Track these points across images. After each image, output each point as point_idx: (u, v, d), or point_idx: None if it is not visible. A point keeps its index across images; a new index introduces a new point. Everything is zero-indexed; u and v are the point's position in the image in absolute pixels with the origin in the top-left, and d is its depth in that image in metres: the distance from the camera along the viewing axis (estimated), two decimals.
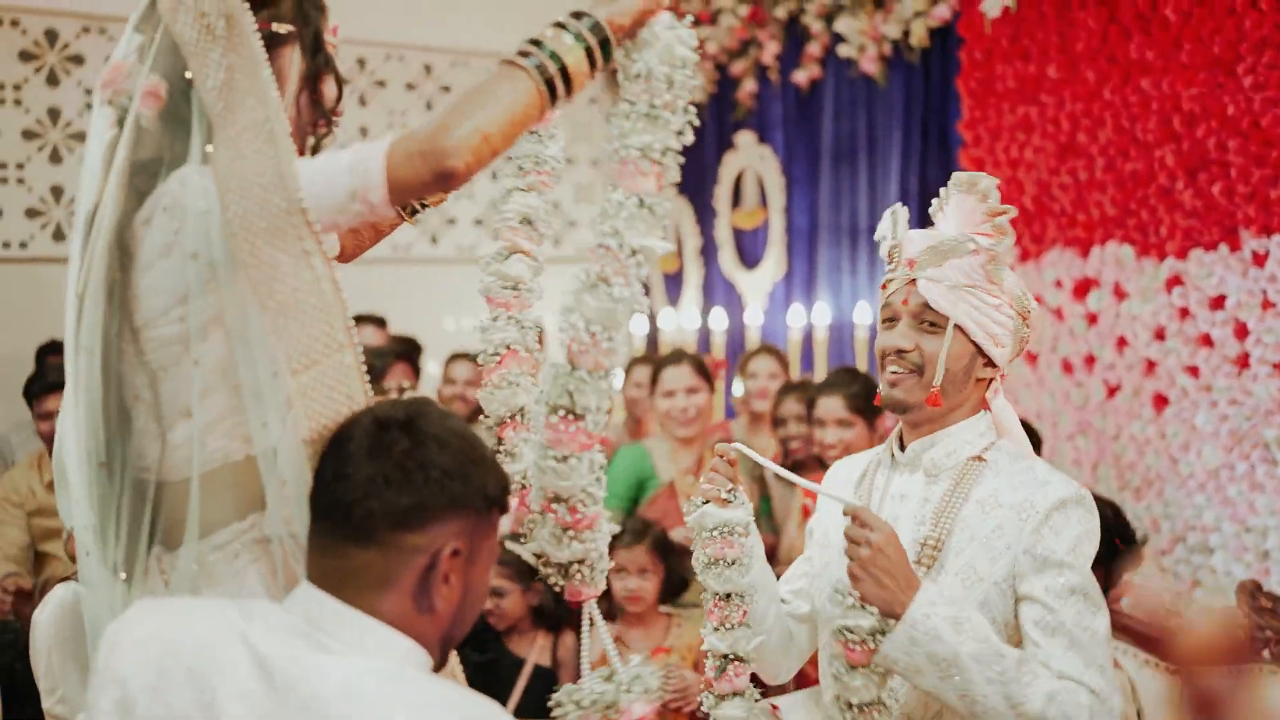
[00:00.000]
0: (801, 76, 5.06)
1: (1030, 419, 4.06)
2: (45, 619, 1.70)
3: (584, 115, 5.94)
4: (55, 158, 5.01)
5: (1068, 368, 3.96)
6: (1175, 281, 3.61)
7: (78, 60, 5.03)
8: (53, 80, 4.99)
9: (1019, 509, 1.79)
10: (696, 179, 5.85)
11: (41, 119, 4.98)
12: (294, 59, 1.60)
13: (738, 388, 4.50)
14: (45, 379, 3.82)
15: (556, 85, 1.52)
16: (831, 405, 3.39)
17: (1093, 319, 3.88)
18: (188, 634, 1.30)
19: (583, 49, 1.53)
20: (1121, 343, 3.79)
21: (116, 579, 1.53)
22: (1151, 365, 3.70)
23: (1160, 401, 3.68)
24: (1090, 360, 3.89)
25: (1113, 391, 3.83)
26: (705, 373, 3.95)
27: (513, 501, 1.62)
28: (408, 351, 4.61)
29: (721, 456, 1.90)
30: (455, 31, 5.88)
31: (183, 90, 1.49)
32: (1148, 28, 3.64)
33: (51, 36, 4.98)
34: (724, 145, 5.65)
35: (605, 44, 1.56)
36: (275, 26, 1.57)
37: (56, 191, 5.02)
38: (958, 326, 1.82)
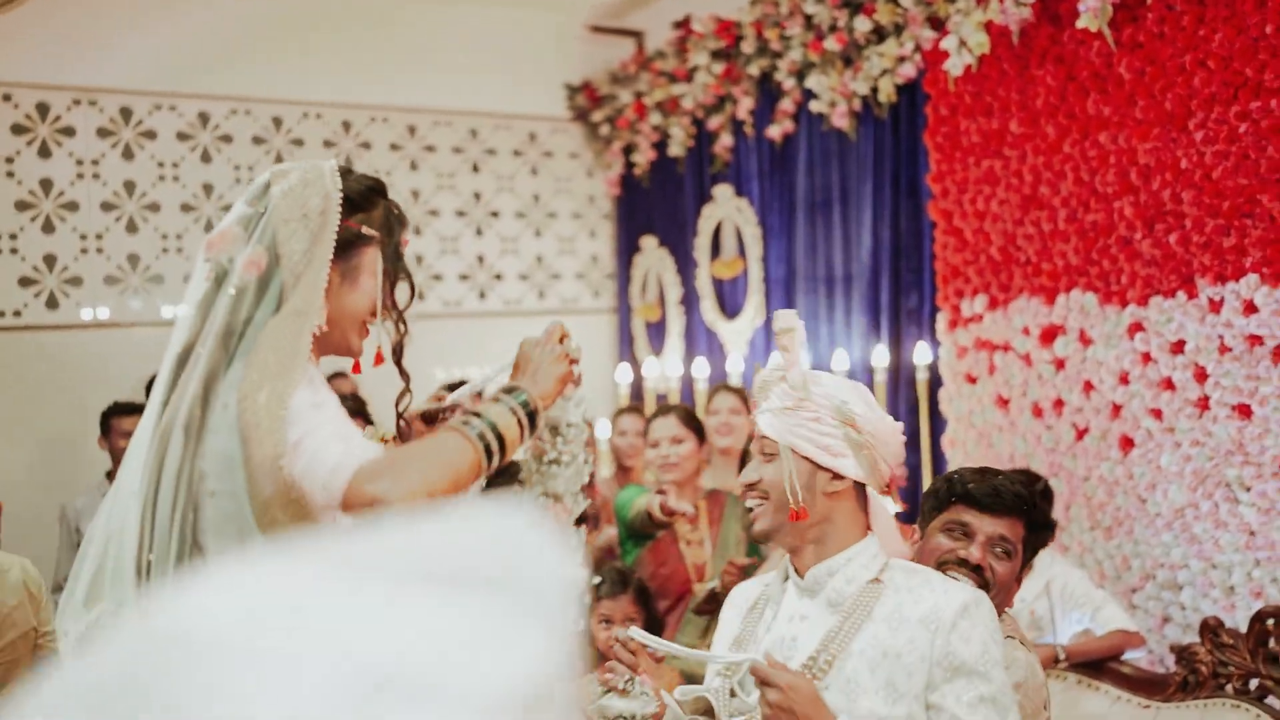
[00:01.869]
0: (775, 131, 5.21)
1: (1003, 461, 4.19)
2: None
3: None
4: (48, 227, 5.14)
5: (1038, 411, 4.09)
6: (1137, 328, 3.75)
7: (69, 132, 5.18)
8: (44, 152, 5.13)
9: (925, 620, 1.85)
10: (677, 231, 6.00)
11: (34, 190, 5.11)
12: (375, 259, 1.84)
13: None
14: None
15: (493, 451, 1.75)
16: None
17: (1060, 364, 4.01)
18: None
19: (515, 420, 1.79)
20: (1088, 387, 3.92)
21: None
22: (1117, 408, 3.83)
23: (1127, 443, 3.81)
24: (1059, 404, 4.02)
25: (1081, 434, 3.95)
26: (693, 423, 4.08)
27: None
28: (360, 407, 4.65)
29: (624, 645, 2.02)
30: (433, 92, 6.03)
31: (274, 267, 1.73)
32: (1103, 85, 3.80)
33: (43, 110, 5.12)
34: (703, 198, 5.80)
35: (532, 415, 1.83)
36: (364, 229, 1.82)
37: (49, 260, 5.14)
38: (790, 447, 1.94)
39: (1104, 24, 3.62)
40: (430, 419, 2.01)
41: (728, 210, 5.64)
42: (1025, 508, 2.24)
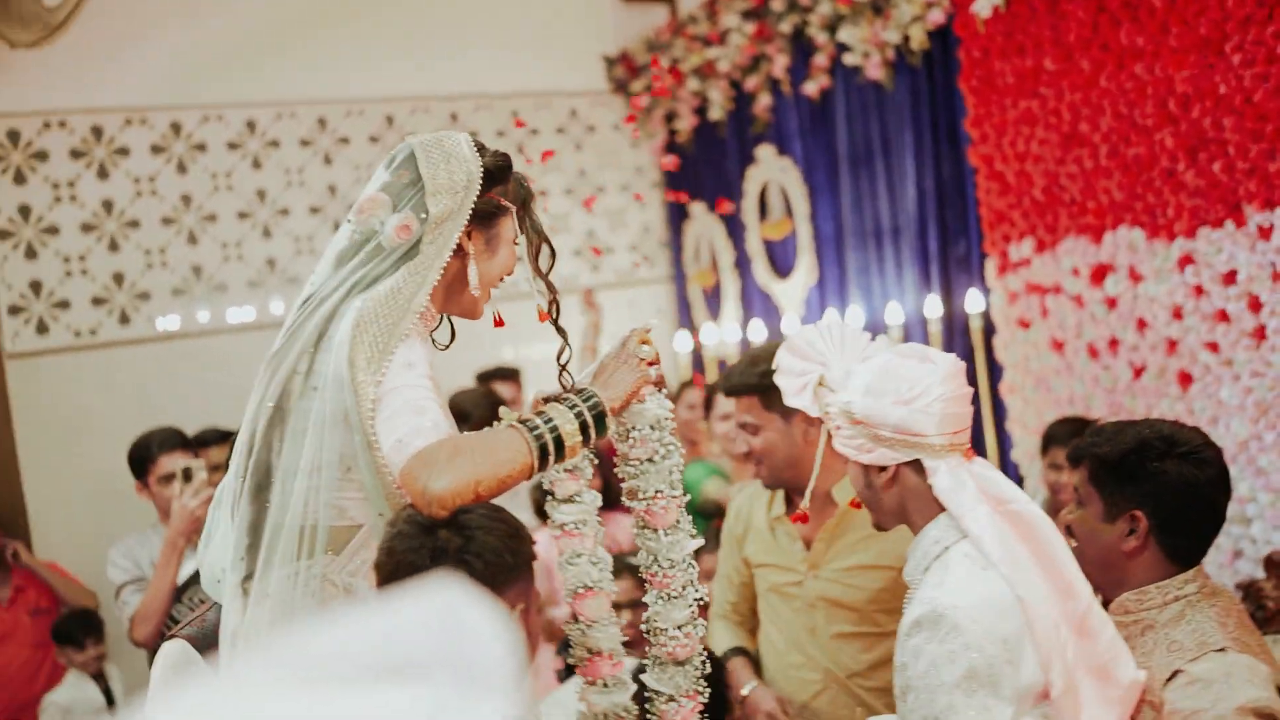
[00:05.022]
0: (812, 87, 5.17)
1: (1063, 405, 4.15)
2: (156, 675, 1.95)
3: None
4: (113, 246, 5.31)
5: (1093, 352, 4.03)
6: (1187, 260, 3.67)
7: (124, 152, 5.33)
8: (103, 174, 5.29)
9: (901, 627, 1.86)
10: (723, 194, 5.98)
11: (97, 211, 5.28)
12: (511, 228, 2.00)
13: None
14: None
15: (549, 454, 1.81)
16: None
17: (1112, 303, 3.94)
18: None
19: (579, 424, 1.84)
20: (1142, 324, 3.85)
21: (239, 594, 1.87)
22: (1173, 344, 3.76)
23: (1185, 379, 3.74)
24: (1114, 343, 3.96)
25: (1139, 372, 3.89)
26: None
27: None
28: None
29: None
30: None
31: (419, 232, 1.89)
32: (1135, 14, 3.70)
33: (98, 132, 5.29)
34: (746, 160, 5.77)
35: (600, 419, 1.87)
36: (502, 201, 1.98)
37: (118, 278, 5.32)
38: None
39: None
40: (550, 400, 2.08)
41: (772, 171, 5.61)
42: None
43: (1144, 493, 1.95)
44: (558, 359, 2.07)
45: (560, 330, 2.08)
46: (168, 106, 5.40)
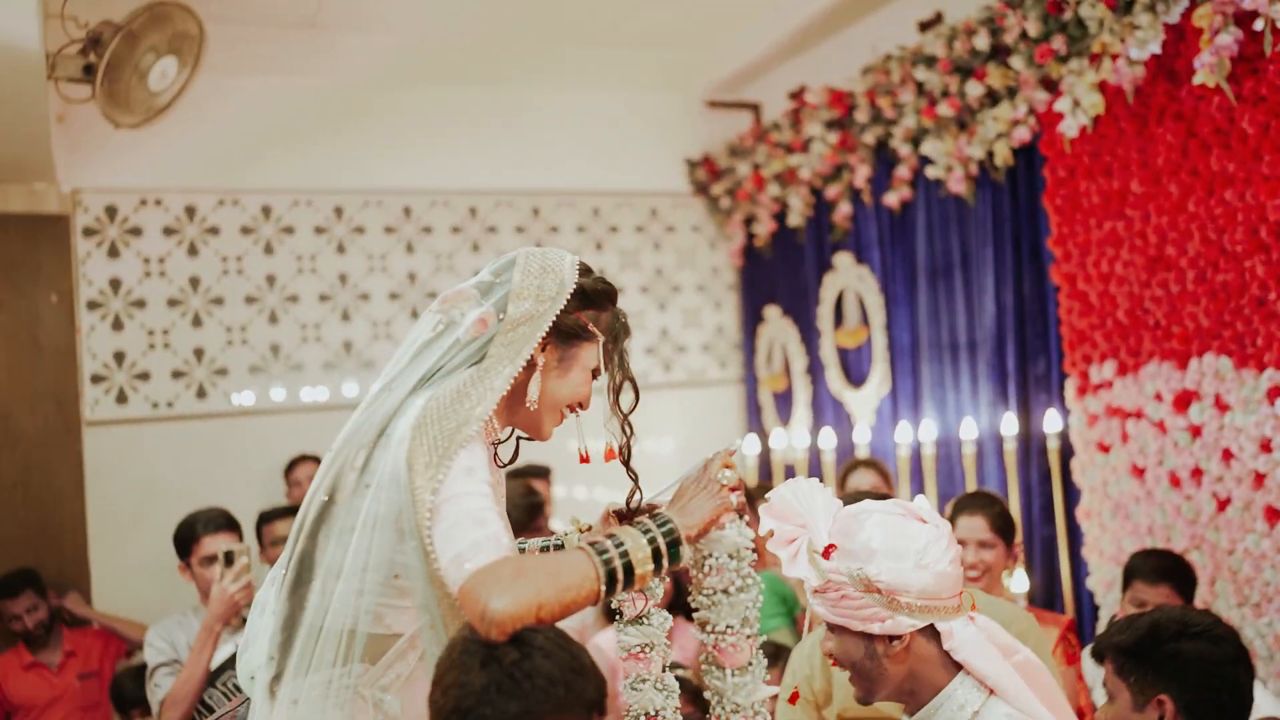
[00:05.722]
0: (893, 198, 5.16)
1: (1142, 534, 4.00)
2: None
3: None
4: (197, 322, 5.43)
5: (1175, 481, 3.90)
6: (1277, 392, 3.55)
7: (214, 231, 5.49)
8: (193, 251, 5.44)
9: None
10: (799, 300, 5.97)
11: (184, 287, 5.42)
12: (592, 356, 1.94)
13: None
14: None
15: (618, 581, 1.73)
16: (974, 525, 3.37)
17: (1196, 431, 3.82)
18: None
19: (651, 550, 1.75)
20: (1227, 455, 3.72)
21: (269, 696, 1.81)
22: (1260, 477, 3.62)
23: (1273, 514, 3.59)
24: (1197, 473, 3.82)
25: (1223, 505, 3.74)
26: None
27: None
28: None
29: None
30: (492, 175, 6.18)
31: (494, 330, 1.86)
32: (1226, 141, 3.65)
33: (190, 212, 5.45)
34: (823, 267, 5.76)
35: (674, 546, 1.79)
36: (589, 325, 1.93)
37: (199, 353, 5.43)
38: (837, 627, 1.90)
39: (1222, 79, 3.49)
40: (623, 516, 2.04)
41: (849, 278, 5.59)
42: None
43: (1166, 676, 2.00)
44: (627, 504, 2.02)
45: (632, 474, 2.01)
46: (260, 190, 5.56)
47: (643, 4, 5.40)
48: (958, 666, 1.87)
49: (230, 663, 3.08)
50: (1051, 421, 4.36)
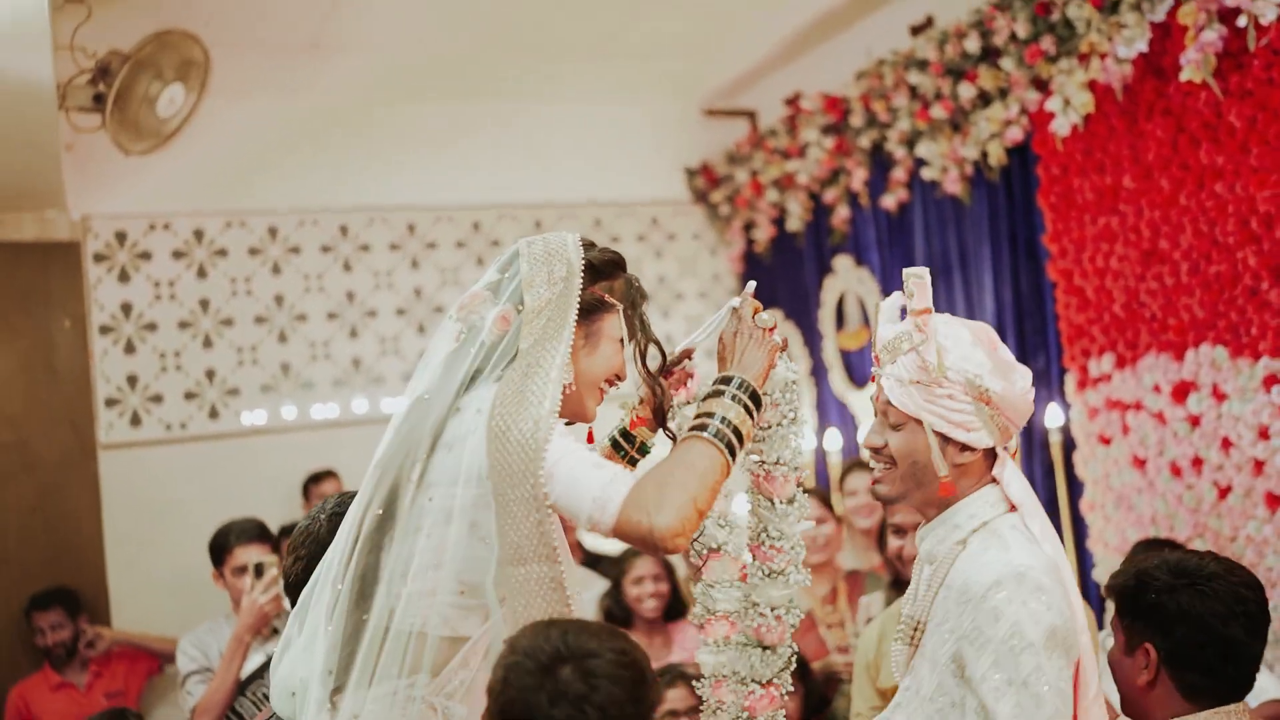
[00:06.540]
0: (890, 200, 5.23)
1: (1145, 524, 4.06)
2: None
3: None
4: (208, 343, 5.51)
5: (1176, 471, 3.96)
6: (1273, 380, 3.61)
7: (223, 253, 5.56)
8: (202, 274, 5.52)
9: (962, 591, 1.80)
10: (800, 304, 6.04)
11: (194, 309, 5.49)
12: (616, 326, 1.97)
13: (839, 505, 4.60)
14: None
15: (735, 447, 1.83)
16: None
17: (1195, 421, 3.88)
18: None
19: (741, 407, 1.85)
20: (1227, 443, 3.78)
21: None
22: (1259, 465, 3.68)
23: (1273, 501, 3.65)
24: (1198, 462, 3.88)
25: (1224, 493, 3.80)
26: (828, 503, 4.11)
27: None
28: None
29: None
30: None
31: (517, 324, 1.87)
32: (1215, 135, 3.71)
33: (199, 235, 5.53)
34: (823, 270, 5.84)
35: (755, 397, 1.89)
36: (606, 297, 1.97)
37: (210, 374, 5.50)
38: (916, 420, 1.91)
39: (1208, 74, 3.56)
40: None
41: (849, 281, 5.66)
42: None
43: (1151, 626, 1.95)
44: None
45: (671, 435, 2.07)
46: (266, 211, 5.64)
47: (639, 16, 5.48)
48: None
49: (260, 672, 3.14)
50: (1053, 416, 4.42)
